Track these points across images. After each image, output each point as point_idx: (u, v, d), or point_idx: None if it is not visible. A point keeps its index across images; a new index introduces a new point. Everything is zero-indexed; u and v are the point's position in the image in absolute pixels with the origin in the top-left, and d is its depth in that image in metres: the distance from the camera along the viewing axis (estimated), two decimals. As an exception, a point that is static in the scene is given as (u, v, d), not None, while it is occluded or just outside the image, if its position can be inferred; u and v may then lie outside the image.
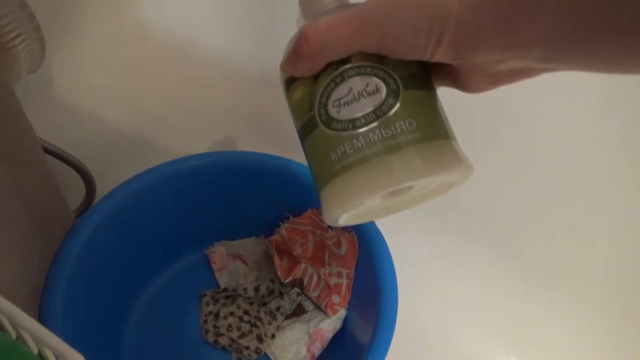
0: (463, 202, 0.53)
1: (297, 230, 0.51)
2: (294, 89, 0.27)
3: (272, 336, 0.49)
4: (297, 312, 0.51)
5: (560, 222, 0.58)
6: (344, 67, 0.25)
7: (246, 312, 0.50)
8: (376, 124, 0.24)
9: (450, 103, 0.29)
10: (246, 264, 0.54)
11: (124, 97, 0.53)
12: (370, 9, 0.23)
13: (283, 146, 0.47)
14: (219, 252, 0.53)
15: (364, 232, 0.45)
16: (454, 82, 0.26)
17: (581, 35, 0.19)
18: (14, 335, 0.24)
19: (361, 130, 0.24)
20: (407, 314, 0.41)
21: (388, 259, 0.43)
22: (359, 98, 0.24)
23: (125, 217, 0.44)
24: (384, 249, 0.43)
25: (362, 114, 0.24)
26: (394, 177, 0.24)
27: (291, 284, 0.51)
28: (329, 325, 0.48)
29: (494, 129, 0.57)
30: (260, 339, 0.48)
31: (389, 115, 0.24)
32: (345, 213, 0.26)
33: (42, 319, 0.37)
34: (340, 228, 0.47)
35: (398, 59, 0.24)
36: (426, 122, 0.24)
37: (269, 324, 0.49)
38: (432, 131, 0.24)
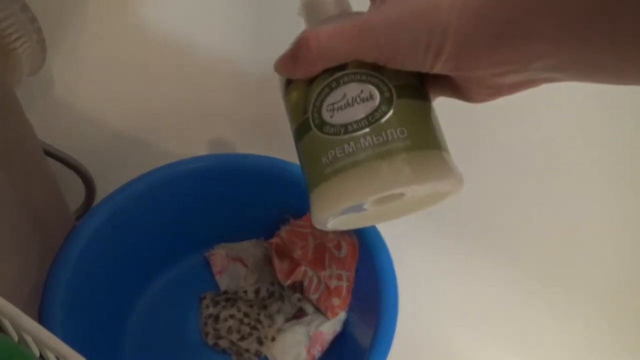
0: (464, 207, 0.52)
1: (297, 233, 0.51)
2: (290, 91, 0.27)
3: (272, 339, 0.49)
4: (297, 315, 0.51)
5: (561, 228, 0.58)
6: (340, 73, 0.25)
7: (246, 315, 0.50)
8: (368, 130, 0.24)
9: (450, 106, 0.29)
10: (246, 266, 0.53)
11: (124, 100, 0.53)
12: (370, 21, 0.24)
13: (283, 148, 0.47)
14: (219, 255, 0.53)
15: (364, 235, 0.45)
16: (454, 92, 0.26)
17: (581, 48, 0.20)
18: (16, 338, 0.24)
19: (353, 135, 0.24)
20: (408, 317, 0.41)
21: (388, 261, 0.43)
22: (352, 104, 0.24)
23: (125, 220, 0.44)
24: (385, 251, 0.43)
25: (354, 119, 0.24)
26: (382, 183, 0.24)
27: (291, 286, 0.51)
28: (329, 328, 0.48)
29: (493, 135, 0.57)
30: (260, 341, 0.48)
31: (381, 122, 0.24)
32: (333, 216, 0.26)
33: (42, 320, 0.37)
34: (340, 231, 0.47)
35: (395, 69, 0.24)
36: (418, 131, 0.25)
37: (269, 326, 0.49)
38: (423, 140, 0.25)
